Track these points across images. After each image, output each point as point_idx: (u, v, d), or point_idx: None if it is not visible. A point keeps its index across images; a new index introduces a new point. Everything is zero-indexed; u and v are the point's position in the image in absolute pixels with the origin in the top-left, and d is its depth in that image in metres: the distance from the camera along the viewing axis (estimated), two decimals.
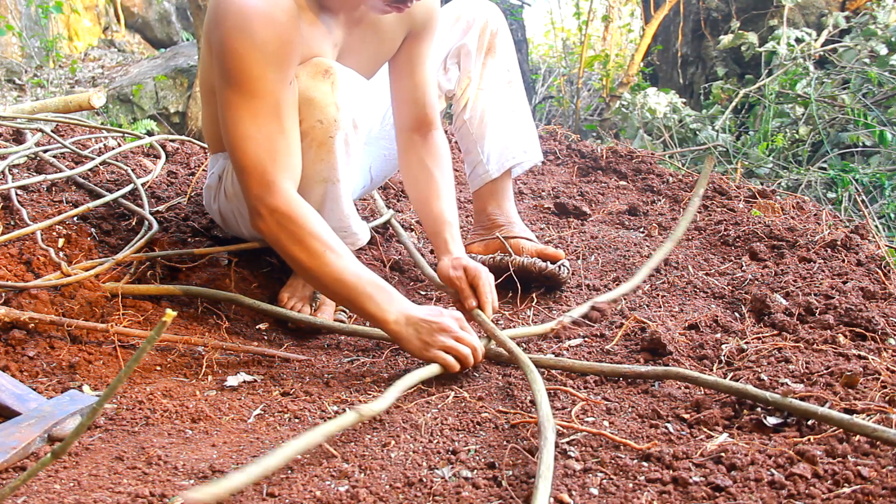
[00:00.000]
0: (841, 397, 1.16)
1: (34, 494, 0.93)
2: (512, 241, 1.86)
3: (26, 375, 1.29)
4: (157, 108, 6.15)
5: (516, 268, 1.78)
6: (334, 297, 1.43)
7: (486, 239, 1.93)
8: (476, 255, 1.88)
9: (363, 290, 1.34)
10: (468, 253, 1.85)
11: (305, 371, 1.44)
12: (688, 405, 1.21)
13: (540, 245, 1.86)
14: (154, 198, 2.10)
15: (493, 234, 1.92)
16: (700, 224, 2.39)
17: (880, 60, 4.29)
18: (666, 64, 6.72)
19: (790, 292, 1.67)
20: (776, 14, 5.43)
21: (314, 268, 1.34)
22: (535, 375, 1.21)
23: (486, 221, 1.96)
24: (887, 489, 0.88)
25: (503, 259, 1.80)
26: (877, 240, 2.04)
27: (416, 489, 0.97)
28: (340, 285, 1.34)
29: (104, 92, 2.90)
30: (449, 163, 1.72)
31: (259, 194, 1.35)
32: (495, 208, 1.96)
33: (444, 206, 1.64)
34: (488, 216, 1.96)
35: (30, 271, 1.55)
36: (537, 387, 1.16)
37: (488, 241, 1.93)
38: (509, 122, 1.92)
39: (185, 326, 1.58)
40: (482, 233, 1.96)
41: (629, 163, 2.98)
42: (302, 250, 1.34)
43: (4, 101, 6.06)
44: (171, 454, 1.05)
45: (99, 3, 8.09)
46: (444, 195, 1.66)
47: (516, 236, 1.89)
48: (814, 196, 3.54)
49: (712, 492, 0.92)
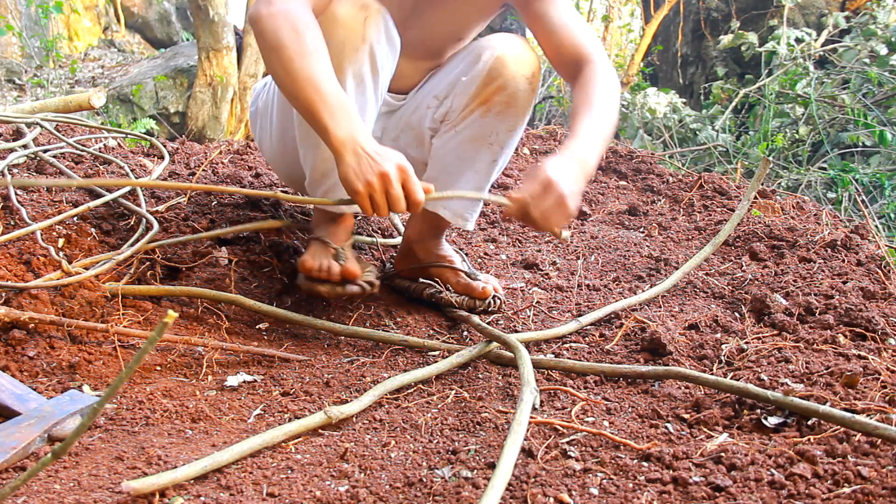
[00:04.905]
0: (841, 397, 1.16)
1: (34, 494, 0.93)
2: (437, 271, 1.77)
3: (26, 375, 1.29)
4: (156, 108, 6.15)
5: (445, 303, 1.72)
6: (298, 99, 1.31)
7: (414, 266, 1.81)
8: (406, 277, 1.82)
9: (330, 101, 1.27)
10: (398, 275, 1.82)
11: (305, 371, 1.44)
12: (688, 405, 1.21)
13: (466, 280, 1.75)
14: (154, 198, 2.10)
15: (420, 261, 1.80)
16: (700, 224, 2.39)
17: (880, 60, 4.29)
18: (666, 64, 6.72)
19: (790, 292, 1.67)
20: (776, 14, 5.43)
21: (296, 64, 1.27)
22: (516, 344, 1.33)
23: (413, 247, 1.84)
24: (887, 489, 0.88)
25: (434, 294, 1.74)
26: (877, 240, 2.04)
27: (416, 489, 0.97)
28: (312, 88, 1.27)
29: (104, 92, 2.90)
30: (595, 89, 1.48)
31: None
32: (424, 238, 1.81)
33: (574, 123, 1.45)
34: (414, 243, 1.82)
35: (30, 271, 1.55)
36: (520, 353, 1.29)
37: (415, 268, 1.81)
38: (465, 180, 1.69)
39: (185, 326, 1.58)
40: (411, 259, 1.83)
41: (629, 163, 2.98)
42: (294, 43, 1.28)
43: (4, 101, 6.06)
44: (171, 454, 1.05)
45: (99, 3, 8.09)
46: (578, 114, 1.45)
47: (444, 266, 1.77)
48: (814, 196, 3.54)
49: (712, 492, 0.92)
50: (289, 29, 1.29)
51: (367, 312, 1.73)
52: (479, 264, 2.06)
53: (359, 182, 1.26)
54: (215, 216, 2.01)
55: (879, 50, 4.33)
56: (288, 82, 1.30)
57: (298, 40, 1.28)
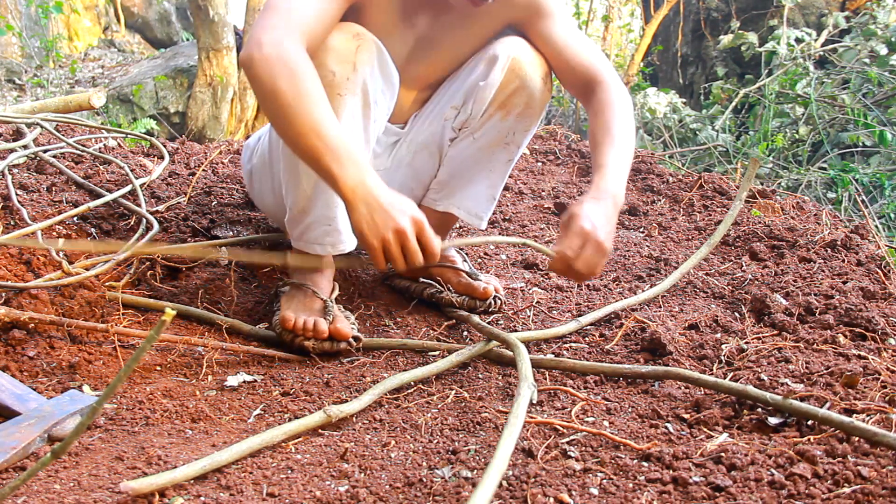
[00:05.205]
0: (841, 397, 1.16)
1: (34, 494, 0.93)
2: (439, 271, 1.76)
3: (26, 375, 1.29)
4: (157, 108, 6.15)
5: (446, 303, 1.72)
6: (302, 148, 1.26)
7: None
8: (406, 277, 1.81)
9: (336, 148, 1.22)
10: (398, 275, 1.82)
11: (305, 371, 1.44)
12: (688, 405, 1.21)
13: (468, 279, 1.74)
14: (154, 198, 2.10)
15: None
16: (700, 224, 2.39)
17: (880, 60, 4.29)
18: (666, 64, 6.72)
19: (790, 292, 1.67)
20: (776, 14, 5.43)
21: (296, 110, 1.22)
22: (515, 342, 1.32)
23: None
24: (887, 489, 0.88)
25: (434, 294, 1.74)
26: (877, 240, 2.04)
27: (416, 489, 0.97)
28: (316, 136, 1.22)
29: (104, 92, 2.90)
30: (613, 113, 1.48)
31: (275, 28, 1.25)
32: None
33: (597, 153, 1.45)
34: None
35: (30, 271, 1.55)
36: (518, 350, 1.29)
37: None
38: (479, 180, 1.71)
39: (185, 326, 1.58)
40: None
41: None
42: (291, 89, 1.22)
43: (4, 101, 6.07)
44: (171, 454, 1.05)
45: (99, 3, 8.09)
46: (600, 143, 1.45)
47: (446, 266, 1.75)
48: (814, 196, 3.54)
49: (712, 492, 0.92)
50: (285, 73, 1.23)
51: (366, 313, 1.73)
52: (480, 264, 2.06)
53: (373, 237, 1.23)
54: (215, 216, 2.02)
55: (879, 50, 4.33)
56: (288, 129, 1.25)
57: (295, 84, 1.23)
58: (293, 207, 1.50)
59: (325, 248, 1.54)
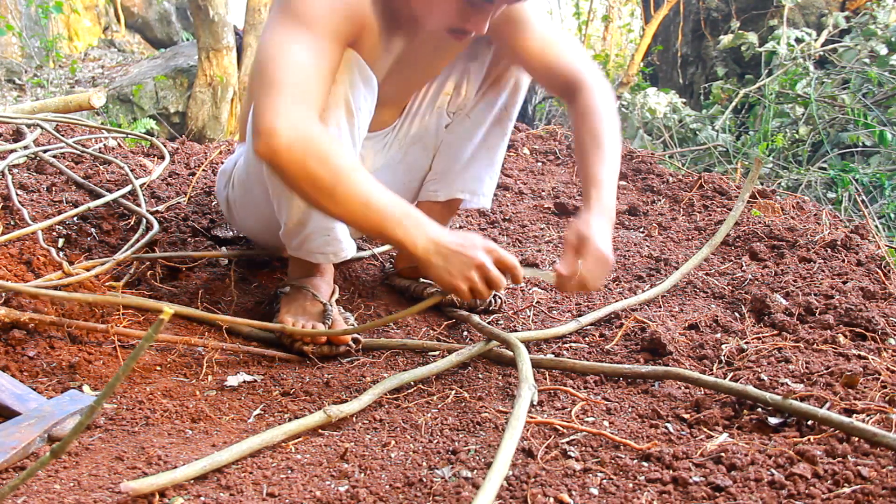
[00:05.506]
0: (841, 397, 1.16)
1: (34, 494, 0.93)
2: None
3: (26, 375, 1.29)
4: (156, 108, 6.16)
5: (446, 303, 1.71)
6: (356, 223, 1.27)
7: (415, 266, 1.77)
8: (406, 277, 1.81)
9: (391, 214, 1.23)
10: (399, 274, 1.83)
11: (305, 371, 1.44)
12: (688, 405, 1.21)
13: None
14: (154, 198, 2.10)
15: None
16: (700, 224, 2.39)
17: (880, 60, 4.29)
18: (666, 64, 6.72)
19: (790, 292, 1.67)
20: (776, 14, 5.43)
21: (338, 190, 1.21)
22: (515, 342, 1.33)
23: None
24: (887, 489, 0.88)
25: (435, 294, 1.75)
26: (877, 240, 2.04)
27: (416, 489, 0.97)
28: (366, 209, 1.22)
29: (104, 92, 2.90)
30: (600, 120, 1.50)
31: (286, 111, 1.21)
32: None
33: (589, 164, 1.47)
34: None
35: (30, 271, 1.55)
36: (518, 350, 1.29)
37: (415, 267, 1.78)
38: (478, 158, 1.74)
39: (185, 326, 1.58)
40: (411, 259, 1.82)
41: (629, 163, 2.98)
42: (325, 170, 1.20)
43: (4, 101, 6.07)
44: (171, 454, 1.05)
45: (99, 3, 8.10)
46: (590, 154, 1.47)
47: None
48: (814, 196, 3.54)
49: (712, 492, 0.92)
50: (313, 156, 1.20)
51: (367, 313, 1.73)
52: None
53: (458, 280, 1.25)
54: (215, 216, 2.02)
55: (879, 50, 4.34)
56: (335, 209, 1.24)
57: (329, 165, 1.20)
58: (288, 221, 1.49)
59: (326, 258, 1.54)
